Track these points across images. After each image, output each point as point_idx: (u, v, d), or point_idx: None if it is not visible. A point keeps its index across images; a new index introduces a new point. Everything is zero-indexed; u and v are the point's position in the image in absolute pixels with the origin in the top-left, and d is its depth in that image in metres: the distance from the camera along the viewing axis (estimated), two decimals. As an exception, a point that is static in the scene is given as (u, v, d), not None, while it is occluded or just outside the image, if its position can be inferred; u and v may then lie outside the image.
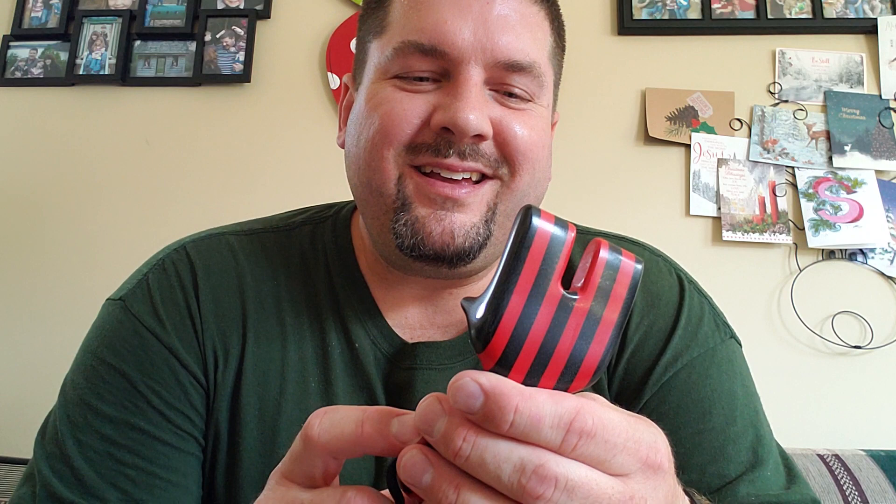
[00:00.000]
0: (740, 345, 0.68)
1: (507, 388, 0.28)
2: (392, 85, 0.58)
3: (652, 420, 0.33)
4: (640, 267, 0.31)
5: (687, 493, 0.38)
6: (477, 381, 0.28)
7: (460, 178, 0.57)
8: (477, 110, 0.54)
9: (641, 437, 0.30)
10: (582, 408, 0.29)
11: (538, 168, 0.60)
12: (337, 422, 0.33)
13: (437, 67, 0.57)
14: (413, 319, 0.65)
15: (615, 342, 0.30)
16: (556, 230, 0.29)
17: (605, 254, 0.30)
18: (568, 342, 0.30)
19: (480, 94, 0.56)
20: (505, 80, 0.58)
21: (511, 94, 0.58)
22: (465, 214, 0.57)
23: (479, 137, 0.56)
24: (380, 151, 0.57)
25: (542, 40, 0.60)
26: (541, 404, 0.28)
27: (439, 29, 0.56)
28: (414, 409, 0.59)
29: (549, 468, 0.28)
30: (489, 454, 0.28)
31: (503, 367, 0.30)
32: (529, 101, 0.59)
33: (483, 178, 0.58)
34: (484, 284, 0.67)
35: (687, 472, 0.58)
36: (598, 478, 0.29)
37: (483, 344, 0.30)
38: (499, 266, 0.30)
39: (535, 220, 0.29)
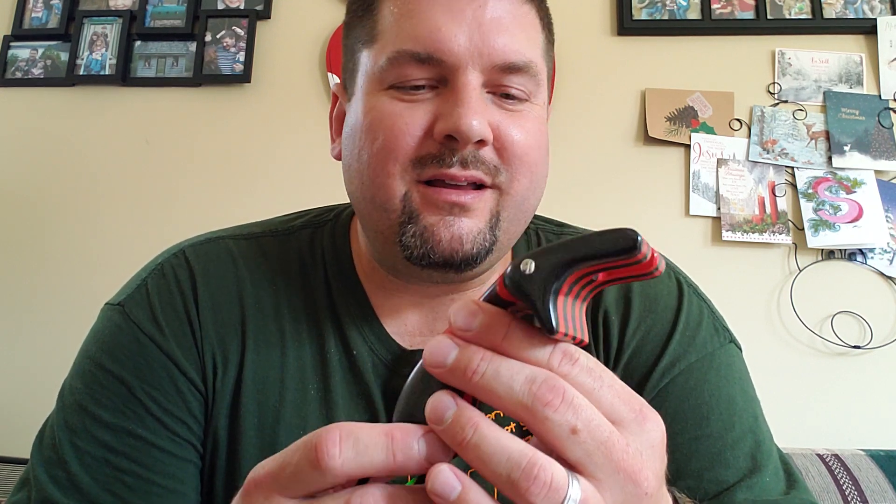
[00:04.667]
0: (740, 349, 0.68)
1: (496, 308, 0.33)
2: (389, 96, 0.57)
3: None
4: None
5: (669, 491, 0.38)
6: (474, 302, 0.33)
7: (465, 184, 0.56)
8: (479, 115, 0.54)
9: (632, 392, 0.33)
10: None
11: (536, 171, 0.59)
12: (363, 450, 0.31)
13: (434, 75, 0.57)
14: (412, 326, 0.65)
15: None
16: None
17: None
18: None
19: (480, 98, 0.56)
20: (502, 82, 0.57)
21: (507, 95, 0.58)
22: (471, 220, 0.56)
23: (482, 143, 0.55)
24: (385, 168, 0.56)
25: (534, 38, 0.60)
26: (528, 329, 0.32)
27: (434, 36, 0.55)
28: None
29: (557, 380, 0.31)
30: (504, 368, 0.31)
31: None
32: (526, 100, 0.59)
33: (482, 187, 0.57)
34: (482, 290, 0.66)
35: (684, 478, 0.58)
36: (600, 416, 0.31)
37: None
38: None
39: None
